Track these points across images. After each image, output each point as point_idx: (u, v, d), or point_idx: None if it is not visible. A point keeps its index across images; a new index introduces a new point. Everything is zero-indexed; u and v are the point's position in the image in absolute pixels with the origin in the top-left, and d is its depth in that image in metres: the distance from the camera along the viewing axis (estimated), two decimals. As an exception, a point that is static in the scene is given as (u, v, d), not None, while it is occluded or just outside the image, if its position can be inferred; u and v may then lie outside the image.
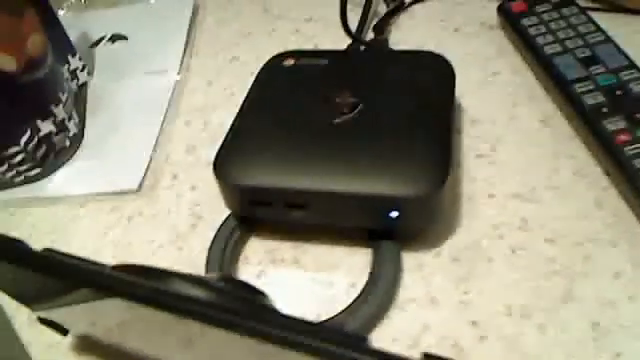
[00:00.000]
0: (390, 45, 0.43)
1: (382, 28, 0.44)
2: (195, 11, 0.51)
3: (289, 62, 0.36)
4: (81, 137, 0.41)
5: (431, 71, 0.34)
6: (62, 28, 0.43)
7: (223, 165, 0.31)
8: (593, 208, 0.30)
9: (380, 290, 0.28)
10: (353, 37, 0.43)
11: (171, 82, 0.44)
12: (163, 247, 0.33)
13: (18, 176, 0.38)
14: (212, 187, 0.34)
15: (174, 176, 0.37)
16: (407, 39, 0.44)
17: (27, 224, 0.36)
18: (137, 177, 0.37)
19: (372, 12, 0.46)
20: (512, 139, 0.35)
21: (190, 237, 0.33)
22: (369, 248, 0.30)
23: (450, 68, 0.34)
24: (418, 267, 0.29)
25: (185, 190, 0.36)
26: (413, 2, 0.46)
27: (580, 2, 0.40)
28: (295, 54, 0.37)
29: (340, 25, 0.45)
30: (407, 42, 0.43)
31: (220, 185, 0.30)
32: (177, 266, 0.31)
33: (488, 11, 0.43)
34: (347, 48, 0.42)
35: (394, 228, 0.29)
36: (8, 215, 0.37)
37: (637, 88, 0.33)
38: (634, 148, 0.30)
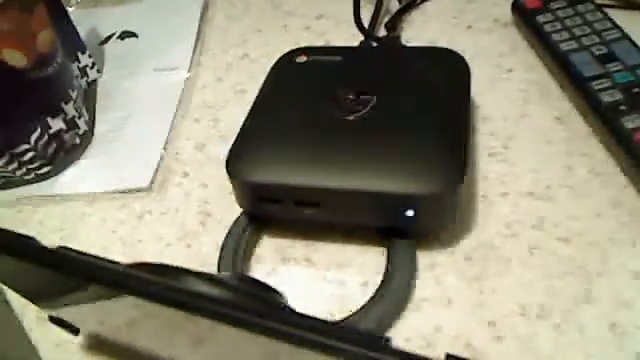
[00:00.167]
0: (402, 42, 0.42)
1: (394, 25, 0.43)
2: (205, 7, 0.51)
3: (302, 59, 0.36)
4: (91, 135, 0.41)
5: (446, 67, 0.33)
6: (72, 25, 0.43)
7: (236, 162, 0.30)
8: (608, 207, 0.30)
9: (396, 290, 0.27)
10: (366, 33, 0.43)
11: (181, 79, 0.44)
12: (172, 245, 0.33)
13: (28, 174, 0.38)
14: (222, 185, 0.34)
15: (184, 174, 0.37)
16: (419, 36, 0.43)
17: (35, 221, 0.36)
18: (148, 175, 0.37)
19: (384, 9, 0.46)
20: (525, 136, 0.34)
21: (199, 235, 0.33)
22: (381, 247, 0.30)
23: (465, 64, 0.33)
24: (431, 266, 0.29)
25: (194, 188, 0.36)
26: (425, -1, 0.46)
27: (595, -2, 0.39)
28: (307, 51, 0.36)
29: (351, 22, 0.44)
30: (419, 39, 0.43)
31: (232, 182, 0.30)
32: (187, 264, 0.31)
33: (501, 8, 0.43)
34: (360, 45, 0.42)
35: (408, 227, 0.29)
36: (16, 212, 0.37)
37: (655, 86, 0.32)
38: (653, 146, 0.29)
